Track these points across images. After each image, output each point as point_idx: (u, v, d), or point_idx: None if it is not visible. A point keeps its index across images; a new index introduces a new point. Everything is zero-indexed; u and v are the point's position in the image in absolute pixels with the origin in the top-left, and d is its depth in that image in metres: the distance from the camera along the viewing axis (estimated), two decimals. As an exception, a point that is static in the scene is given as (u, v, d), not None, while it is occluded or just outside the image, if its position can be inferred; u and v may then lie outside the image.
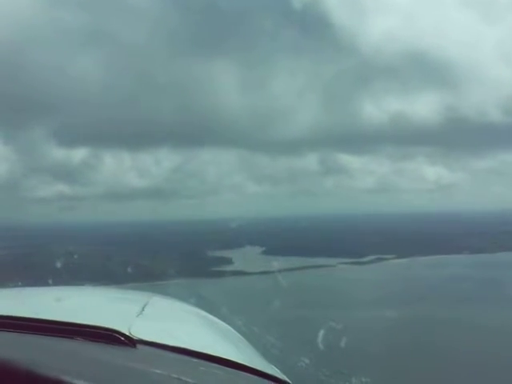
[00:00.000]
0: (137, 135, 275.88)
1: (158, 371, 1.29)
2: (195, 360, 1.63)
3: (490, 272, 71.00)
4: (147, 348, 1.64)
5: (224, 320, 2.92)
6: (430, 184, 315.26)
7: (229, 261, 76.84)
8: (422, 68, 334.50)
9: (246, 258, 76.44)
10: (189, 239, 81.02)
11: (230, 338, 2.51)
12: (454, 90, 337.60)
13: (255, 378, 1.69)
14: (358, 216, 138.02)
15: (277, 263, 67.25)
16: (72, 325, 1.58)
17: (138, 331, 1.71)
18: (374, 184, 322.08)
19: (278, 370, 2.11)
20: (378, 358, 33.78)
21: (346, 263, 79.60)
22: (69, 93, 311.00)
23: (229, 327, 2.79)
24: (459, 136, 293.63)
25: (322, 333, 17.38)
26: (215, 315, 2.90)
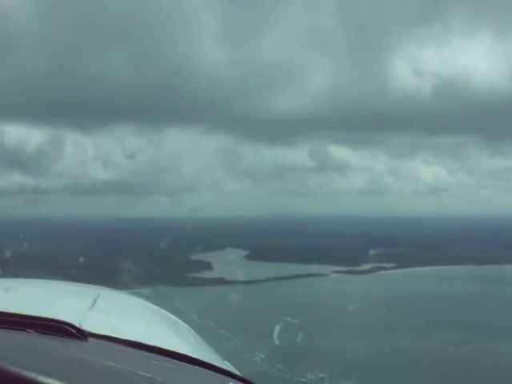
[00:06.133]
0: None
1: (109, 364, 1.34)
2: (147, 354, 1.67)
3: (501, 289, 63.72)
4: (98, 341, 1.67)
5: None
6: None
7: (208, 266, 70.52)
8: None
9: (227, 262, 69.68)
10: (162, 239, 72.10)
11: (182, 332, 2.58)
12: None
13: (208, 371, 1.72)
14: (354, 218, 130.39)
15: (262, 271, 61.18)
16: (22, 317, 1.58)
17: (90, 324, 1.73)
18: (370, 184, 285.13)
19: (231, 366, 2.15)
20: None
21: (340, 272, 72.55)
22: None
23: (180, 321, 2.81)
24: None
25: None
26: None
